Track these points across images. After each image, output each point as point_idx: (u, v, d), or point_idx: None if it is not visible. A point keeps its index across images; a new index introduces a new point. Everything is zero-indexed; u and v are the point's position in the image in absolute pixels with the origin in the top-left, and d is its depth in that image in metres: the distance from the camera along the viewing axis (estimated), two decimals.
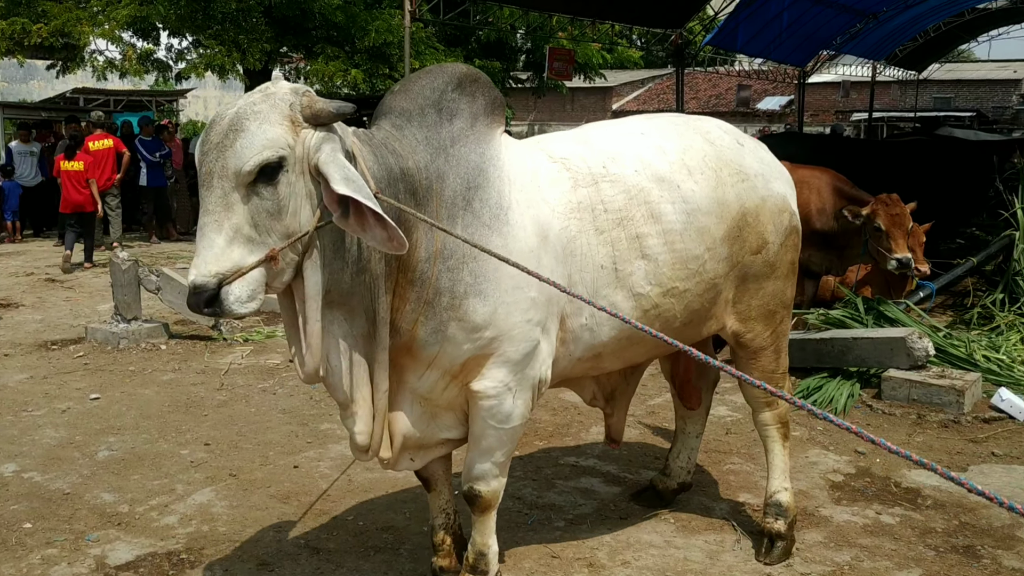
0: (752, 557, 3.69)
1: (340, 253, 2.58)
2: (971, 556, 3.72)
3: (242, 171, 2.33)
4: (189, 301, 2.36)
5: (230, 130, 2.35)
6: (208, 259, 2.34)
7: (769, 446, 3.78)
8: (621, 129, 3.36)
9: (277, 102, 2.41)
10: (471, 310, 2.76)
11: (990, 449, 5.02)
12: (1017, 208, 8.28)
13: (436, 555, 3.41)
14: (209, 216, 2.36)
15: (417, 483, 4.32)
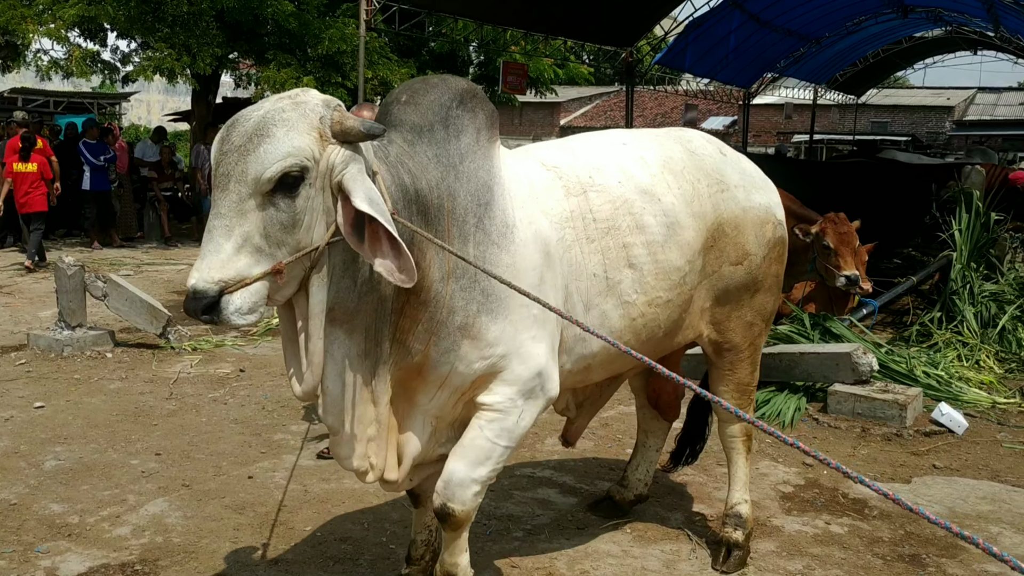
0: (707, 566, 3.75)
1: (350, 272, 2.51)
2: (917, 564, 3.84)
3: (262, 178, 2.26)
4: (187, 305, 2.29)
5: (255, 134, 2.27)
6: (213, 264, 2.26)
7: (733, 458, 3.85)
8: (604, 140, 3.39)
9: (307, 112, 2.34)
10: (483, 328, 2.73)
11: (931, 462, 5.18)
12: (955, 230, 8.57)
13: (410, 567, 3.39)
14: (220, 220, 2.28)
15: (375, 494, 4.35)
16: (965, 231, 8.60)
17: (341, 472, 4.65)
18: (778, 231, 3.63)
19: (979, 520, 4.30)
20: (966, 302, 8.26)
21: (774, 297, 3.74)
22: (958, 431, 5.72)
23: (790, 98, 25.36)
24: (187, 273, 9.28)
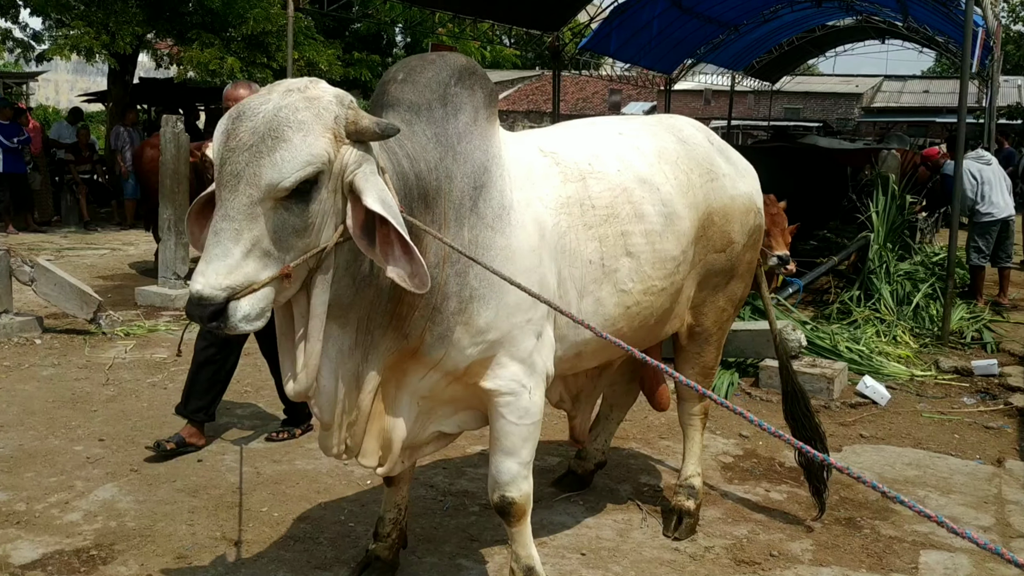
0: (659, 534, 3.90)
1: (351, 270, 2.46)
2: (853, 527, 4.06)
3: (279, 186, 2.18)
4: (191, 311, 2.18)
5: (268, 135, 2.17)
6: (220, 270, 2.16)
7: (690, 434, 3.98)
8: (599, 128, 3.41)
9: (322, 111, 2.25)
10: (475, 314, 2.71)
11: (858, 431, 5.46)
12: (872, 212, 8.96)
13: (377, 543, 3.41)
14: (228, 223, 2.18)
15: (329, 474, 4.37)
16: (882, 213, 9.01)
17: (293, 454, 4.66)
18: (758, 218, 3.72)
19: (907, 484, 4.56)
20: (883, 281, 8.65)
21: (745, 284, 3.84)
22: (881, 402, 6.03)
23: (709, 84, 25.91)
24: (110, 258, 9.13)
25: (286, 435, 4.87)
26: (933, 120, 33.79)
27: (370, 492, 4.21)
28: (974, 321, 8.35)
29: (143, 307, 7.92)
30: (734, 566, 3.64)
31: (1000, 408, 6.01)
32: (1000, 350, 7.68)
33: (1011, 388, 6.52)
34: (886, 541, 3.91)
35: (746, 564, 3.66)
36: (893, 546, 3.87)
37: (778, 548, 3.80)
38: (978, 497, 4.43)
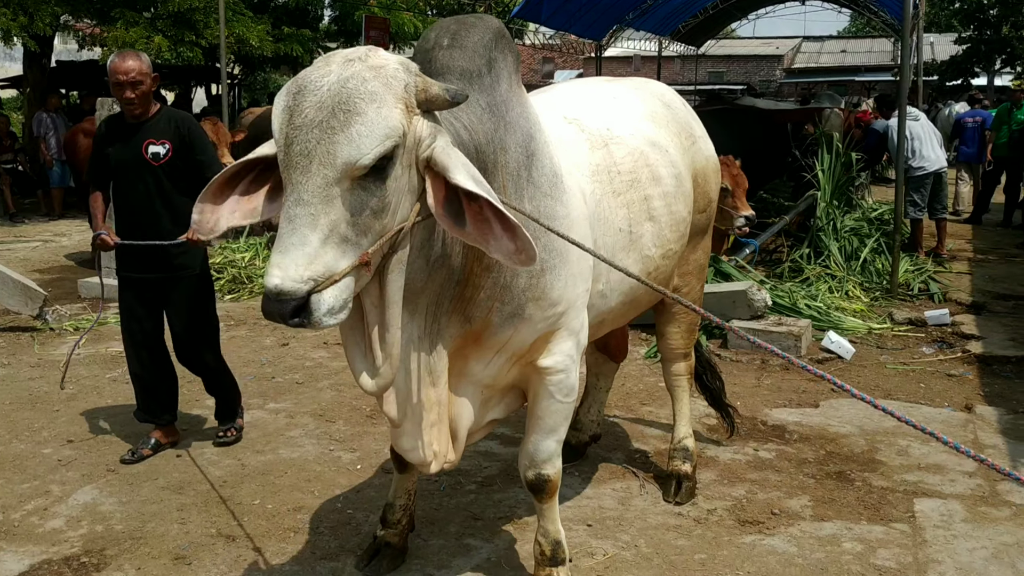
0: (659, 500, 3.91)
1: (424, 251, 2.32)
2: (844, 480, 4.12)
3: (357, 163, 2.00)
4: (269, 309, 2.00)
5: (338, 108, 2.00)
6: (299, 260, 1.98)
7: (678, 395, 4.00)
8: (597, 91, 3.36)
9: (390, 80, 2.08)
10: (548, 287, 2.61)
11: (828, 386, 5.54)
12: (818, 170, 9.10)
13: (386, 530, 3.32)
14: (303, 208, 2.00)
15: (317, 461, 4.26)
16: (827, 171, 9.15)
17: (275, 443, 4.53)
18: (718, 176, 3.83)
19: (888, 435, 4.66)
20: (831, 238, 8.81)
21: (709, 239, 3.93)
22: (847, 356, 6.14)
23: (638, 50, 25.96)
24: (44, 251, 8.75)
25: (234, 433, 4.52)
26: (852, 79, 34.56)
27: (363, 478, 4.12)
28: (919, 273, 8.57)
29: (88, 299, 7.61)
30: (739, 527, 3.67)
31: (959, 356, 6.18)
32: (947, 300, 7.90)
33: (965, 336, 6.71)
34: (879, 492, 3.98)
35: (750, 524, 3.69)
36: (887, 496, 3.94)
37: (778, 506, 3.84)
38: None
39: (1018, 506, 3.83)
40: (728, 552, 3.46)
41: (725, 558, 3.41)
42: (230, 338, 6.46)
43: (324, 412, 4.97)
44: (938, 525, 3.66)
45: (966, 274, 9.05)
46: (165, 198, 4.14)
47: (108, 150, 4.17)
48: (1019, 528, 3.63)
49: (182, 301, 4.29)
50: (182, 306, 4.30)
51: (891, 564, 3.36)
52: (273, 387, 5.40)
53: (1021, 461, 4.29)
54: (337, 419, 4.87)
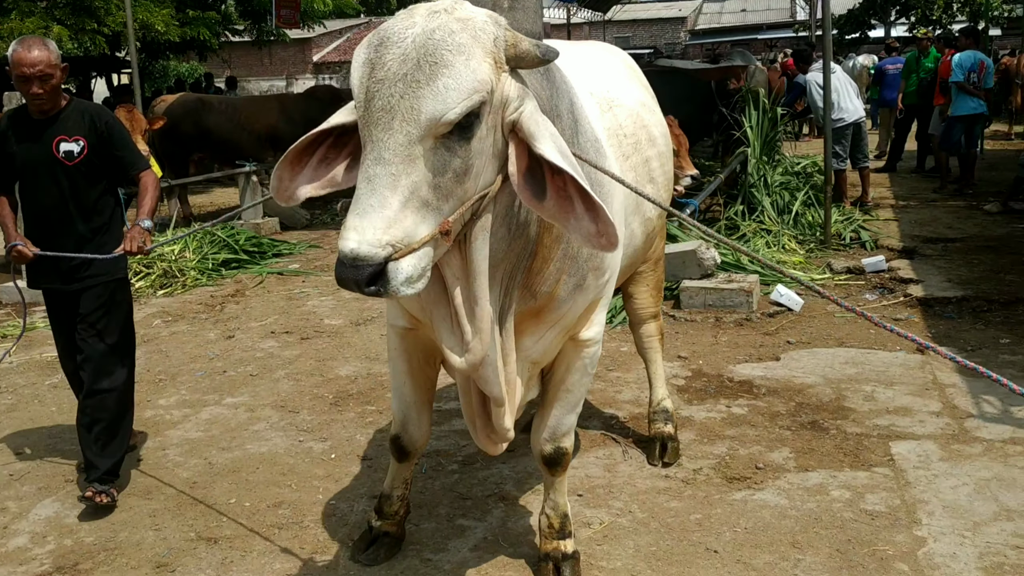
0: (644, 464, 3.89)
1: (507, 218, 2.17)
2: (819, 430, 4.18)
3: (443, 119, 1.86)
4: (344, 274, 1.87)
5: (424, 60, 1.86)
6: (378, 223, 1.84)
7: (651, 356, 3.99)
8: (583, 54, 3.25)
9: (479, 33, 1.94)
10: (600, 255, 2.52)
11: (784, 339, 5.62)
12: (747, 127, 9.19)
13: (382, 520, 3.21)
14: (384, 167, 1.85)
15: (287, 453, 4.11)
16: (756, 128, 9.26)
17: (240, 437, 4.37)
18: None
19: (852, 382, 4.74)
20: (763, 193, 8.93)
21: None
22: (796, 308, 6.24)
23: (548, 18, 25.88)
24: None
25: (107, 498, 3.61)
26: (755, 37, 35.18)
27: (340, 467, 3.99)
28: (849, 223, 8.78)
29: (10, 305, 7.19)
30: (727, 484, 3.68)
31: (901, 301, 6.35)
32: (879, 247, 8.11)
33: (904, 280, 6.91)
34: (855, 439, 4.05)
35: (738, 480, 3.70)
36: (863, 442, 4.00)
37: (761, 460, 3.87)
38: (919, 385, 4.66)
39: (987, 441, 3.95)
40: (721, 510, 3.46)
41: (720, 516, 3.41)
42: (171, 334, 6.21)
43: (285, 403, 4.81)
44: (918, 466, 3.74)
45: (892, 220, 9.31)
46: (79, 200, 3.67)
47: (13, 149, 3.66)
48: (993, 463, 3.73)
49: (96, 311, 3.70)
50: (95, 316, 3.70)
51: (881, 508, 3.41)
52: (227, 381, 5.20)
53: (983, 397, 4.41)
54: (300, 409, 4.71)
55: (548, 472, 2.98)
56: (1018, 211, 9.37)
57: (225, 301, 7.07)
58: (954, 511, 3.35)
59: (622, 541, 3.27)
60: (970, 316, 5.94)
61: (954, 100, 10.70)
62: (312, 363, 5.46)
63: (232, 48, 20.11)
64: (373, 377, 5.15)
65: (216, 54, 14.79)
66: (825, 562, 3.06)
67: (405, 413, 2.98)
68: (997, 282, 6.72)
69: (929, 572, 2.96)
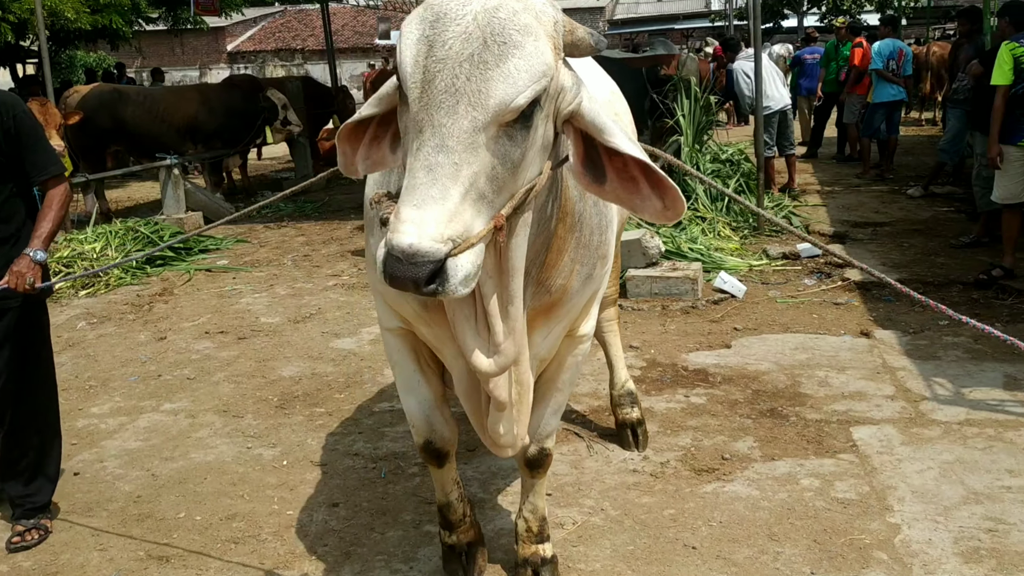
0: (610, 459, 3.81)
1: (540, 212, 2.04)
2: (779, 417, 4.17)
3: (512, 104, 1.69)
4: (399, 272, 1.66)
5: (491, 40, 1.69)
6: (440, 216, 1.65)
7: (611, 340, 3.96)
8: None
9: (540, 15, 1.76)
10: (608, 243, 2.41)
11: (731, 325, 5.63)
12: (679, 115, 9.22)
13: (456, 532, 2.98)
14: (446, 156, 1.67)
15: (235, 461, 3.91)
16: (688, 116, 9.30)
17: (184, 446, 4.14)
18: None
19: (805, 368, 4.76)
20: (696, 180, 9.00)
21: None
22: (739, 295, 6.26)
23: None
24: None
25: (37, 535, 3.33)
26: (671, 27, 35.63)
27: (294, 474, 3.81)
28: (779, 209, 8.89)
29: None
30: (696, 476, 3.63)
31: (840, 285, 6.42)
32: (810, 232, 8.23)
33: (840, 265, 7.00)
34: (816, 425, 4.05)
35: (706, 472, 3.65)
36: (824, 429, 4.01)
37: (727, 450, 3.83)
38: (870, 369, 4.70)
39: (944, 424, 3.99)
40: (694, 504, 3.41)
41: (693, 510, 3.36)
42: (98, 337, 5.88)
43: (228, 407, 4.58)
44: (881, 451, 3.75)
45: (821, 206, 9.47)
46: None
47: None
48: (954, 445, 3.77)
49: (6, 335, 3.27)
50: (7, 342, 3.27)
51: (852, 495, 3.40)
52: (163, 386, 4.93)
53: (934, 380, 4.47)
54: (245, 414, 4.50)
55: (529, 474, 2.87)
56: (939, 195, 9.66)
57: (153, 300, 6.75)
58: (923, 496, 3.36)
59: (598, 541, 3.18)
60: (907, 299, 6.04)
61: (875, 87, 10.97)
62: (252, 364, 5.24)
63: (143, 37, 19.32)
64: (318, 377, 4.96)
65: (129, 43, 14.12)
66: (804, 554, 3.03)
67: (428, 414, 2.75)
68: (929, 265, 6.87)
69: (908, 560, 2.96)
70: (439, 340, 2.44)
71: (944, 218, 8.65)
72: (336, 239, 8.97)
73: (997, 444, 3.75)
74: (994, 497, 3.32)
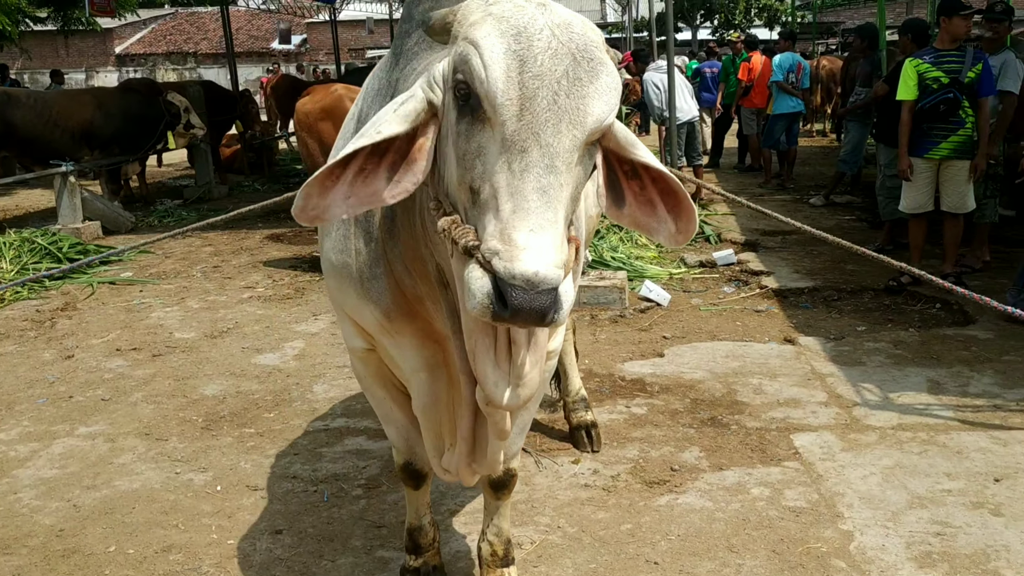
0: (561, 474, 3.76)
1: None
2: (721, 426, 4.20)
3: (604, 122, 1.60)
4: (530, 303, 1.50)
5: (579, 56, 1.59)
6: (556, 241, 1.52)
7: (565, 348, 3.92)
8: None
9: (596, 31, 1.69)
10: (584, 257, 2.35)
11: (660, 334, 5.67)
12: None
13: (423, 556, 2.92)
14: (555, 176, 1.55)
15: (165, 488, 3.69)
16: None
17: (107, 473, 3.90)
18: None
19: (738, 375, 4.82)
20: None
21: None
22: (664, 303, 6.32)
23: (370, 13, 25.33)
24: None
25: None
26: None
27: (230, 500, 3.61)
28: None
29: None
30: (648, 489, 3.61)
31: (759, 293, 6.57)
32: (722, 240, 8.41)
33: (755, 272, 7.17)
34: (757, 434, 4.09)
35: (657, 484, 3.64)
36: (766, 436, 4.05)
37: (675, 462, 3.83)
38: (800, 376, 4.80)
39: (879, 429, 4.09)
40: (649, 518, 3.38)
41: (650, 524, 3.33)
42: None
43: (150, 430, 4.33)
44: (823, 458, 3.82)
45: (730, 215, 9.68)
46: None
47: None
48: (891, 450, 3.87)
49: None
50: None
51: (802, 503, 3.44)
52: (76, 408, 4.63)
53: (862, 386, 4.59)
54: (169, 436, 4.26)
55: (494, 496, 2.79)
56: (840, 204, 10.03)
57: (55, 316, 6.35)
58: (870, 502, 3.43)
59: (559, 560, 3.12)
60: (824, 306, 6.22)
61: (775, 99, 11.34)
62: (171, 383, 4.97)
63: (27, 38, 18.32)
64: (244, 396, 4.75)
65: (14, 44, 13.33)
66: (765, 564, 3.04)
67: (406, 437, 2.67)
68: (840, 272, 7.09)
69: (866, 567, 3.00)
70: (399, 351, 2.34)
71: (847, 226, 8.96)
72: (246, 249, 8.67)
73: (932, 448, 3.86)
74: (937, 501, 3.41)
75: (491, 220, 1.54)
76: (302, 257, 8.14)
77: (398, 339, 2.31)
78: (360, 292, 2.28)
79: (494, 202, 1.55)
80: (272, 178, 13.58)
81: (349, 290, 2.32)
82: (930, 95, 5.97)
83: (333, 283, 2.39)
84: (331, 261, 2.36)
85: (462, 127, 1.63)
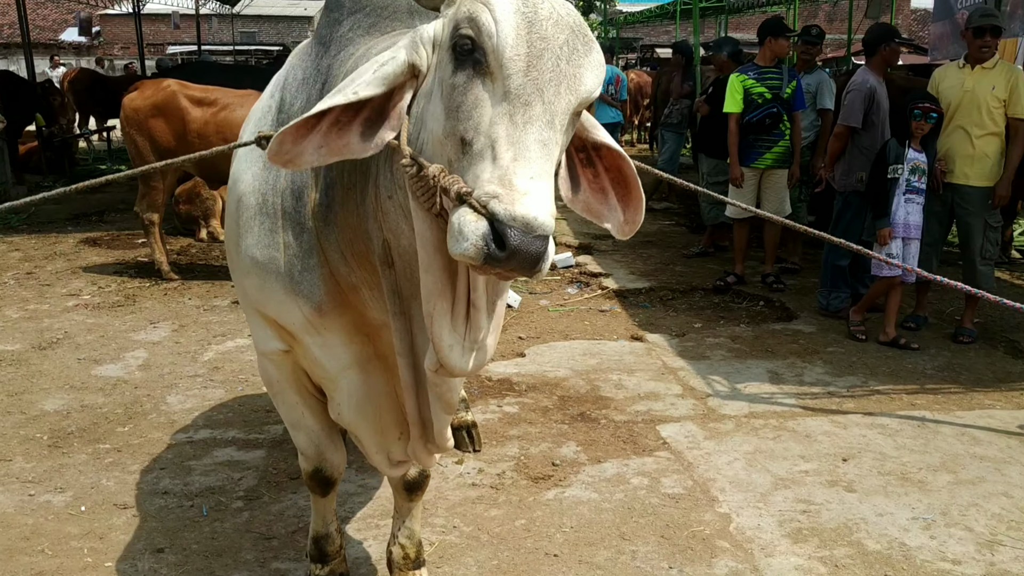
0: (446, 475, 3.78)
1: None
2: (591, 420, 4.36)
3: (591, 96, 1.68)
4: (530, 247, 1.48)
5: (576, 30, 1.66)
6: (551, 192, 1.57)
7: None
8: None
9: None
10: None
11: (515, 335, 5.78)
12: None
13: (329, 564, 2.85)
14: (552, 133, 1.59)
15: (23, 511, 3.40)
16: None
17: None
18: None
19: (598, 372, 5.02)
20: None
21: None
22: (515, 304, 6.46)
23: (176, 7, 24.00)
24: None
25: None
26: None
27: (98, 520, 3.37)
28: None
29: None
30: (534, 484, 3.70)
31: (600, 294, 6.85)
32: (558, 243, 8.68)
33: (594, 274, 7.47)
34: (625, 426, 4.29)
35: (542, 480, 3.74)
36: (634, 428, 4.25)
37: (555, 456, 3.94)
38: (655, 371, 5.06)
39: (734, 418, 4.39)
40: (541, 512, 3.47)
41: (542, 518, 3.42)
42: None
43: None
44: (690, 447, 4.06)
45: (561, 219, 9.97)
46: None
47: None
48: (748, 437, 4.17)
49: None
50: None
51: (679, 490, 3.64)
52: None
53: (711, 378, 4.91)
54: (13, 456, 3.91)
55: (407, 497, 2.78)
56: (658, 210, 10.60)
57: None
58: (739, 485, 3.68)
59: (461, 559, 3.14)
60: (661, 305, 6.58)
61: (596, 110, 11.84)
62: (4, 398, 4.56)
63: None
64: (91, 410, 4.43)
65: None
66: (657, 550, 3.20)
67: (317, 443, 2.62)
68: (671, 273, 7.52)
69: (748, 546, 3.23)
70: (325, 349, 2.30)
71: (669, 231, 9.51)
72: (61, 254, 8.04)
73: (784, 433, 4.19)
74: (797, 481, 3.72)
75: (486, 168, 1.55)
76: (126, 263, 7.66)
77: (325, 336, 2.27)
78: (288, 288, 2.22)
79: (490, 152, 1.57)
80: (74, 178, 12.64)
81: (275, 287, 2.25)
82: (755, 109, 6.46)
83: (253, 281, 2.31)
84: (253, 258, 2.27)
85: (459, 80, 1.64)
